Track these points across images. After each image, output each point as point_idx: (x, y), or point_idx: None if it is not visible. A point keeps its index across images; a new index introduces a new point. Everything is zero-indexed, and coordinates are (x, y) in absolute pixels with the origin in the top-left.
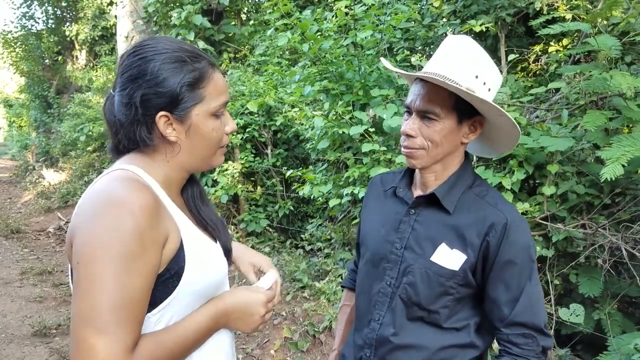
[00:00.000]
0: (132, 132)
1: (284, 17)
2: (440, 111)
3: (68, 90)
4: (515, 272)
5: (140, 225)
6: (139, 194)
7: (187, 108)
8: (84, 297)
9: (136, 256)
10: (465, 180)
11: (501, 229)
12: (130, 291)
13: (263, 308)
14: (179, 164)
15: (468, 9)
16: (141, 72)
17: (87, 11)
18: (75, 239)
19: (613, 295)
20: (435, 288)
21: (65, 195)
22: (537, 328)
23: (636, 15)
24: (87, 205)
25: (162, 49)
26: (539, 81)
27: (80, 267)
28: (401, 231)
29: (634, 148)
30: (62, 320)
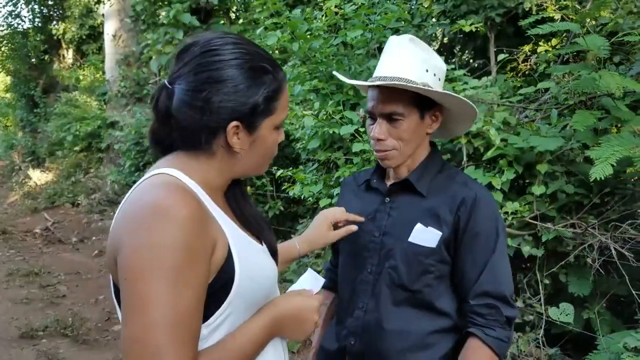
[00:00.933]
0: (194, 135)
1: (273, 16)
2: (403, 110)
3: (55, 90)
4: (482, 243)
5: (188, 235)
6: (185, 203)
7: (260, 120)
8: (135, 316)
9: (186, 269)
10: (434, 165)
11: (471, 203)
12: (184, 307)
13: (316, 314)
14: (230, 171)
15: (457, 9)
16: (223, 76)
17: (74, 10)
18: (120, 253)
19: (602, 295)
20: (416, 267)
21: (52, 195)
22: (500, 296)
23: (624, 15)
24: (130, 216)
25: (244, 53)
26: (528, 81)
27: (128, 283)
28: (378, 219)
29: (623, 148)
30: (49, 322)
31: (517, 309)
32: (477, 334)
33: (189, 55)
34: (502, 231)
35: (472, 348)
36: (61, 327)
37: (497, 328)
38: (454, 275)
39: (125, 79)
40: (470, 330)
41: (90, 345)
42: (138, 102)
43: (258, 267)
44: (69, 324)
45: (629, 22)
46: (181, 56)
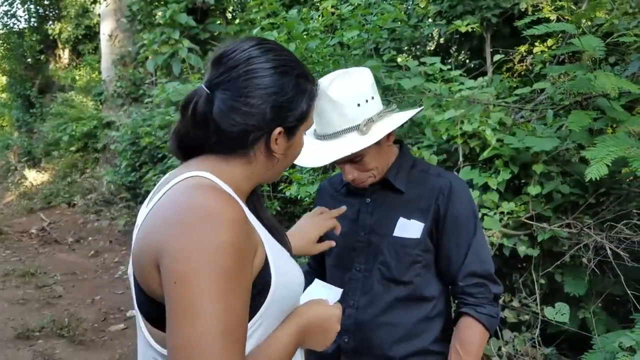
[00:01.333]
0: (237, 139)
1: (269, 16)
2: (359, 152)
3: (51, 90)
4: (463, 227)
5: (237, 238)
6: (231, 206)
7: (299, 126)
8: (187, 322)
9: (236, 273)
10: (406, 163)
11: (447, 191)
12: (235, 312)
13: (338, 324)
14: (259, 176)
15: (454, 10)
16: (275, 82)
17: (70, 10)
18: (165, 256)
19: (598, 294)
20: (404, 259)
21: (48, 196)
22: (487, 275)
23: (620, 16)
24: (172, 218)
25: (289, 60)
26: (524, 82)
27: (179, 288)
28: (361, 220)
29: (618, 148)
30: (46, 323)
31: (501, 285)
32: (469, 312)
33: (232, 61)
34: (477, 214)
35: (464, 326)
36: (57, 327)
37: (486, 305)
38: (438, 261)
39: (122, 79)
40: (462, 310)
41: (86, 345)
42: (134, 102)
43: (291, 274)
44: (65, 324)
45: (625, 22)
46: (222, 62)
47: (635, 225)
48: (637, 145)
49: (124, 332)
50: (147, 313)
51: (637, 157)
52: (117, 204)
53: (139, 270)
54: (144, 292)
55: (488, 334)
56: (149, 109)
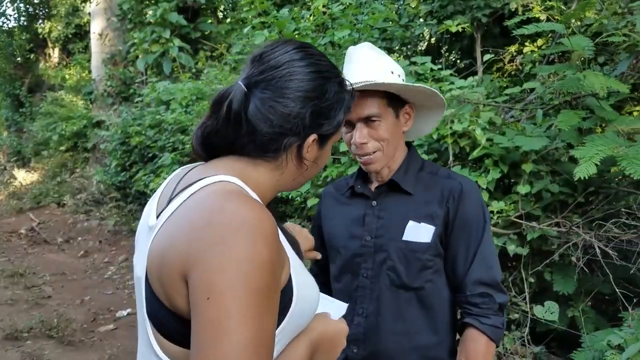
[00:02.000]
0: (271, 142)
1: (261, 15)
2: (379, 111)
3: (40, 89)
4: (472, 231)
5: (273, 253)
6: (266, 216)
7: (332, 135)
8: (220, 339)
9: (270, 291)
10: (415, 164)
11: (458, 194)
12: (267, 330)
13: (345, 339)
14: (285, 184)
15: (444, 10)
16: (317, 88)
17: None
18: (197, 269)
19: (586, 293)
20: (414, 264)
21: (38, 196)
22: (493, 283)
23: (609, 16)
24: (206, 226)
25: (331, 66)
26: (514, 81)
27: (213, 303)
28: (367, 223)
29: (607, 147)
30: (34, 324)
31: (507, 295)
32: (473, 323)
33: (275, 61)
34: (488, 218)
35: (469, 339)
36: (46, 328)
37: (491, 316)
38: (446, 265)
39: (112, 78)
40: (466, 320)
41: (75, 346)
42: (124, 101)
43: (310, 288)
44: (54, 325)
45: (614, 22)
46: (264, 60)
47: (623, 224)
48: (626, 145)
49: (113, 332)
50: (159, 323)
51: (625, 156)
52: (107, 204)
53: (159, 279)
54: (159, 301)
55: (494, 344)
56: (139, 108)
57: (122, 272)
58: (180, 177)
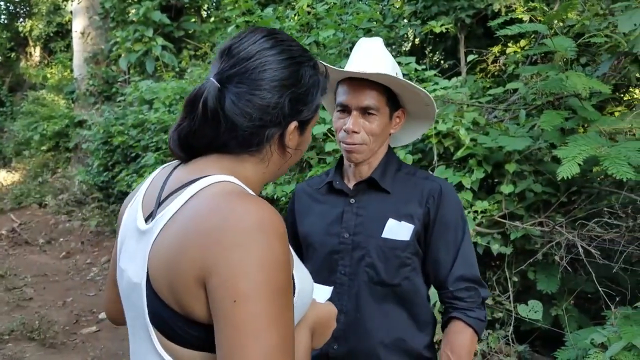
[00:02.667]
0: (252, 136)
1: (245, 14)
2: (378, 106)
3: (22, 88)
4: (452, 232)
5: (287, 250)
6: (277, 216)
7: (311, 119)
8: (251, 340)
9: (288, 287)
10: (393, 164)
11: (437, 195)
12: (290, 328)
13: (334, 321)
14: (271, 174)
15: (428, 10)
16: (292, 75)
17: (42, 7)
18: (217, 272)
19: (570, 292)
20: (393, 261)
21: (19, 196)
22: (475, 278)
23: (590, 17)
24: (220, 230)
25: (302, 50)
26: (498, 82)
27: (240, 306)
28: (345, 220)
29: (589, 147)
30: (15, 326)
31: (488, 289)
32: (459, 317)
33: (245, 53)
34: (465, 218)
35: (454, 331)
36: (27, 330)
37: (475, 309)
38: (426, 265)
39: (94, 77)
40: (452, 314)
41: (57, 349)
42: (107, 100)
43: (307, 280)
44: (36, 327)
45: (595, 24)
46: (233, 54)
47: (606, 224)
48: (608, 145)
49: (96, 334)
50: (168, 329)
51: (607, 156)
52: (89, 205)
53: (168, 285)
54: (168, 307)
55: (477, 337)
56: (121, 108)
57: (104, 273)
58: (165, 177)
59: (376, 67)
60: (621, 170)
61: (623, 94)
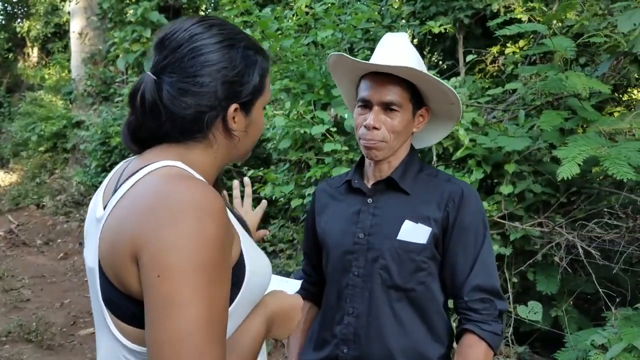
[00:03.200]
0: (193, 123)
1: (243, 14)
2: (401, 102)
3: (19, 89)
4: (472, 237)
5: (221, 229)
6: (213, 195)
7: (255, 100)
8: (172, 315)
9: (220, 265)
10: (414, 165)
11: (458, 198)
12: (219, 304)
13: (300, 313)
14: (223, 159)
15: (427, 10)
16: (220, 58)
17: (39, 7)
18: (146, 249)
19: (570, 293)
20: (408, 265)
21: (16, 197)
22: (493, 290)
23: (589, 17)
24: (154, 209)
25: (235, 33)
26: (496, 82)
27: (163, 281)
28: (361, 220)
29: (589, 147)
30: (12, 327)
31: (506, 301)
32: (473, 329)
33: (175, 42)
34: (487, 224)
35: (467, 345)
36: (25, 332)
37: (491, 322)
38: (443, 271)
39: (92, 78)
40: (465, 326)
41: (55, 350)
42: (104, 101)
43: (261, 263)
44: (33, 328)
45: (594, 23)
46: (165, 45)
47: (606, 224)
48: (608, 145)
49: (93, 336)
50: (117, 309)
51: (607, 156)
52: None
53: (110, 264)
54: (114, 287)
55: (492, 352)
56: (119, 108)
57: None
58: (123, 169)
59: (401, 61)
60: (621, 171)
61: (622, 94)
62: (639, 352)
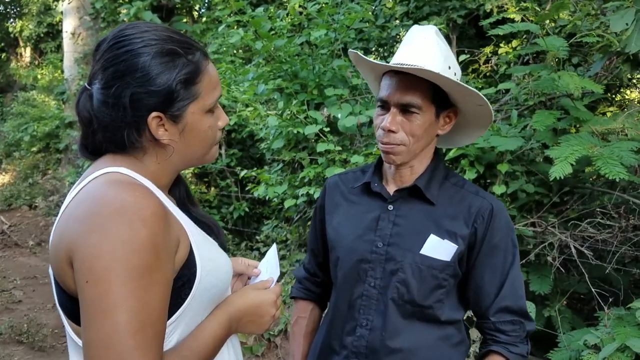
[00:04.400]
0: (118, 134)
1: (236, 14)
2: (421, 103)
3: (12, 89)
4: (500, 256)
5: (154, 233)
6: (148, 200)
7: (183, 107)
8: (100, 320)
9: (153, 268)
10: (440, 171)
11: (487, 215)
12: (151, 308)
13: (274, 308)
14: (170, 165)
15: (420, 11)
16: (129, 67)
17: (32, 7)
18: (77, 254)
19: (563, 293)
20: (429, 282)
21: (9, 198)
22: (522, 311)
23: (582, 17)
24: (87, 214)
25: (151, 40)
26: (489, 82)
27: (92, 286)
28: (380, 228)
29: (582, 147)
30: (4, 329)
31: (534, 322)
32: (501, 352)
33: (100, 52)
34: (516, 243)
35: None
36: (16, 333)
37: (519, 344)
38: (467, 290)
39: (85, 78)
40: (492, 348)
41: (46, 352)
42: None
43: (217, 262)
44: (25, 330)
45: (587, 23)
46: (95, 54)
47: (598, 224)
48: (600, 145)
49: None
50: (69, 311)
51: (600, 156)
52: None
53: (56, 268)
54: (61, 288)
55: None
56: None
57: None
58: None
59: (422, 60)
60: (614, 171)
61: (615, 95)
62: (631, 352)
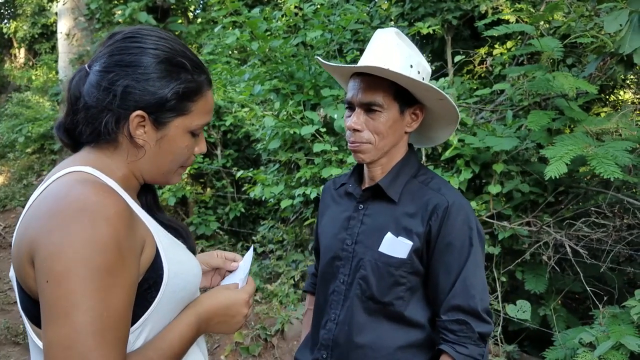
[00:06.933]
0: (98, 119)
1: (232, 14)
2: (383, 102)
3: (6, 90)
4: (455, 254)
5: (118, 233)
6: (112, 200)
7: (170, 117)
8: (60, 320)
9: (116, 269)
10: (409, 169)
11: (442, 212)
12: (113, 309)
13: (245, 307)
14: (137, 169)
15: (415, 12)
16: (135, 61)
17: (26, 8)
18: (38, 253)
19: (558, 291)
20: (386, 279)
21: (3, 199)
22: (472, 311)
23: (576, 18)
24: (49, 213)
25: (165, 47)
26: (484, 83)
27: (52, 286)
28: (351, 227)
29: (576, 147)
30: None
31: (492, 324)
32: (447, 351)
33: (112, 40)
34: (478, 241)
35: None
36: (12, 334)
37: (469, 345)
38: (427, 286)
39: None
40: (440, 346)
41: None
42: None
43: (185, 264)
44: (20, 331)
45: (581, 24)
46: (106, 41)
47: (593, 223)
48: (595, 144)
49: None
50: (31, 313)
51: (595, 155)
52: None
53: (18, 269)
54: (23, 290)
55: None
56: None
57: None
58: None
59: (381, 60)
60: (609, 170)
61: (609, 95)
62: (626, 350)
